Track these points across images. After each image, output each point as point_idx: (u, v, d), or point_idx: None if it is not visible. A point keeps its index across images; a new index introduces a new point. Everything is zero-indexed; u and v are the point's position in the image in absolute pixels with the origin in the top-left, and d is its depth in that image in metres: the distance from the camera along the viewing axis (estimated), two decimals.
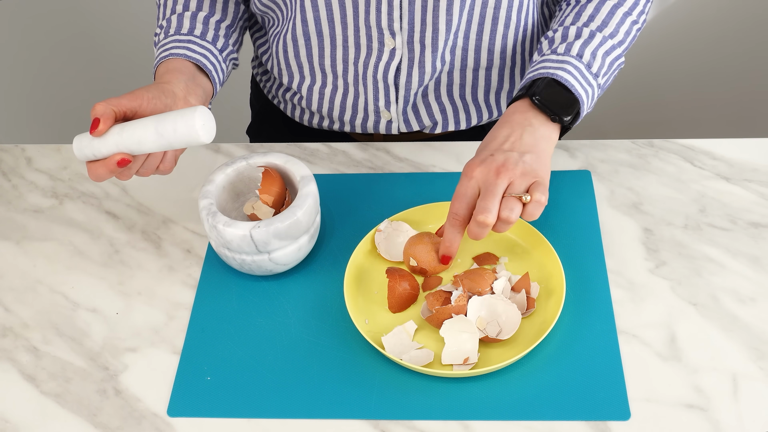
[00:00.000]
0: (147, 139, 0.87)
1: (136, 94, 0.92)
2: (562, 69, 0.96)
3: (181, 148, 0.89)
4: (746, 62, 2.00)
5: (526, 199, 0.88)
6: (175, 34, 1.04)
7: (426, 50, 1.05)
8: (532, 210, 0.88)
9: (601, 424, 0.82)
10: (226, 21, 1.09)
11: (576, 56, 0.97)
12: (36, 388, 0.88)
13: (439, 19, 1.02)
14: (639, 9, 1.03)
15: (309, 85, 1.14)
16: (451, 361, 0.85)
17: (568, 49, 0.98)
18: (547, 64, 0.98)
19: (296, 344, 0.90)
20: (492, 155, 0.91)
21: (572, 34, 1.00)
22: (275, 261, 0.92)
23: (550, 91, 0.95)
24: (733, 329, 0.89)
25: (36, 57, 2.06)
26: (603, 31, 1.00)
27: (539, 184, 0.89)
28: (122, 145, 0.88)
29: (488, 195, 0.88)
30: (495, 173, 0.89)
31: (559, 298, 0.89)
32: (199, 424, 0.84)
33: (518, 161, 0.90)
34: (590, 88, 0.98)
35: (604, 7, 1.01)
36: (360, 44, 1.07)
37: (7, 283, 0.99)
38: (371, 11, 1.02)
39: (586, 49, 0.98)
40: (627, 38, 1.02)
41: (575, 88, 0.96)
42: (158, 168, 0.94)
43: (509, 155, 0.90)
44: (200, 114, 0.86)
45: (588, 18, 1.01)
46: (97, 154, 0.89)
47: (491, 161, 0.90)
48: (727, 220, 1.00)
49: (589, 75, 0.98)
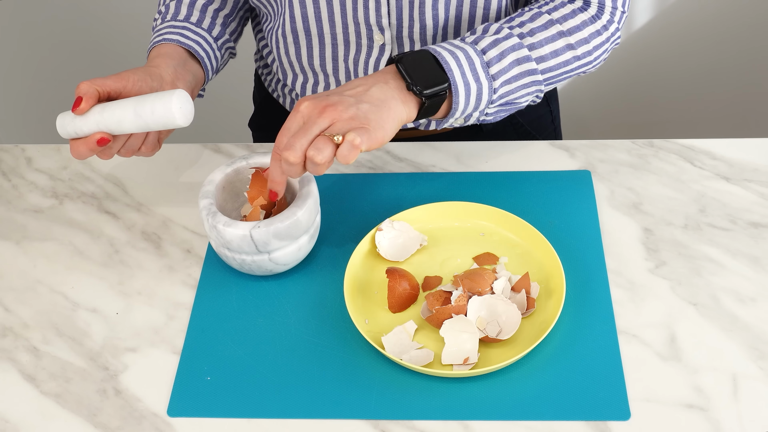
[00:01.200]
0: (126, 119, 0.89)
1: (122, 75, 0.94)
2: (450, 52, 0.91)
3: (160, 129, 0.91)
4: (746, 62, 2.00)
5: (337, 139, 0.81)
6: (171, 20, 1.06)
7: (416, 45, 1.05)
8: (346, 152, 0.82)
9: (601, 424, 0.82)
10: (225, 10, 1.10)
11: (480, 50, 0.92)
12: (36, 388, 0.88)
13: (426, 15, 1.02)
14: (587, 48, 0.98)
15: (302, 82, 1.15)
16: (451, 361, 0.85)
17: (476, 41, 0.94)
18: (446, 44, 0.92)
19: (296, 344, 0.90)
20: (328, 95, 0.86)
21: (492, 30, 0.95)
22: (275, 261, 0.92)
23: (421, 63, 0.89)
24: (733, 329, 0.89)
25: (36, 57, 2.06)
26: (525, 39, 0.94)
27: (363, 130, 0.83)
28: (102, 125, 0.90)
29: (301, 132, 0.83)
30: (319, 111, 0.84)
31: (559, 298, 0.89)
32: (199, 424, 0.84)
33: (351, 105, 0.85)
34: (476, 84, 0.91)
35: (546, 25, 0.96)
36: (349, 41, 1.07)
37: (7, 283, 0.99)
38: (359, 8, 1.02)
39: (494, 48, 0.93)
40: (557, 65, 0.96)
41: (452, 72, 0.89)
42: (140, 149, 0.96)
43: (345, 98, 0.85)
44: (178, 97, 0.88)
45: (519, 23, 0.97)
46: (78, 132, 0.92)
47: (323, 99, 0.85)
48: (727, 220, 1.00)
49: (483, 72, 0.92)
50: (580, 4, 1.00)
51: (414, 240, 0.97)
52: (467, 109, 0.93)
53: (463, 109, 0.93)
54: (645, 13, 1.94)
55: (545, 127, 1.26)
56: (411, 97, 0.90)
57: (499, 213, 0.98)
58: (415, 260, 0.97)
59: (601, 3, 1.00)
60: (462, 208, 0.99)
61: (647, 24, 1.96)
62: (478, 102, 0.93)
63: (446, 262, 0.96)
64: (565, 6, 0.99)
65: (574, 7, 0.99)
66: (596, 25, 0.99)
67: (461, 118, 0.95)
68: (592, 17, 0.99)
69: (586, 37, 0.98)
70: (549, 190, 1.03)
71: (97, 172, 1.12)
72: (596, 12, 0.99)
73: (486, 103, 0.94)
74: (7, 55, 2.05)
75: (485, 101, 0.94)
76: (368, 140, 0.83)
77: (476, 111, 0.95)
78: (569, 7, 0.99)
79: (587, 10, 0.99)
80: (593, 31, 0.99)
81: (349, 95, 0.87)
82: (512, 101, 0.97)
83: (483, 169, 1.07)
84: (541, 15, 0.98)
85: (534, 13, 0.98)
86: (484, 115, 0.97)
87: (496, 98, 0.95)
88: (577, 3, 1.00)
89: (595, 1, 1.00)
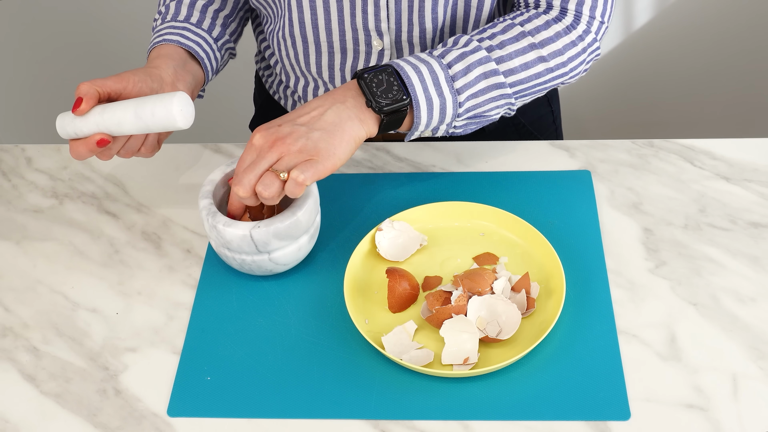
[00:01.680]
0: (126, 120, 0.89)
1: (123, 76, 0.94)
2: (413, 66, 0.91)
3: (160, 131, 0.90)
4: (746, 62, 2.00)
5: (283, 176, 0.85)
6: (171, 20, 1.06)
7: (415, 50, 1.05)
8: (291, 188, 0.85)
9: (601, 424, 0.82)
10: (225, 11, 1.10)
11: (445, 64, 0.92)
12: (36, 388, 0.88)
13: (426, 18, 1.02)
14: (560, 60, 0.97)
15: (304, 85, 1.15)
16: (451, 361, 0.85)
17: (443, 55, 0.93)
18: (411, 58, 0.93)
19: (296, 344, 0.90)
20: (280, 126, 0.88)
21: (461, 42, 0.95)
22: (275, 261, 0.92)
23: (383, 78, 0.90)
24: (733, 329, 0.89)
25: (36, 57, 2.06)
26: (493, 51, 0.94)
27: (310, 163, 0.85)
28: (102, 126, 0.90)
29: (250, 167, 0.86)
30: (269, 145, 0.86)
31: (559, 298, 0.89)
32: (199, 424, 0.84)
33: (301, 137, 0.86)
34: (439, 99, 0.91)
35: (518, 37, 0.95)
36: (346, 49, 1.06)
37: (7, 283, 0.99)
38: (357, 13, 1.02)
39: (460, 62, 0.92)
40: (527, 77, 0.96)
41: (416, 92, 0.90)
42: (139, 150, 0.96)
43: (296, 129, 0.87)
44: (179, 99, 0.88)
45: (489, 35, 0.95)
46: (78, 132, 0.92)
47: (275, 132, 0.87)
48: (727, 220, 1.00)
49: (447, 86, 0.92)
50: (556, 13, 0.98)
51: (414, 240, 0.97)
52: (431, 123, 0.93)
53: (426, 122, 0.93)
54: (645, 13, 1.94)
55: (546, 127, 1.26)
56: (370, 114, 0.90)
57: (499, 213, 0.98)
58: (415, 260, 0.97)
59: (578, 12, 0.98)
60: (462, 208, 0.99)
61: (647, 24, 1.96)
62: (443, 116, 0.93)
63: (446, 262, 0.96)
64: (540, 17, 0.97)
65: (549, 18, 0.97)
66: (570, 36, 0.97)
67: (428, 130, 0.95)
68: (566, 28, 0.97)
69: (560, 48, 0.97)
70: (549, 190, 1.03)
71: (98, 172, 1.12)
72: (571, 22, 0.98)
73: (452, 117, 0.94)
74: (8, 55, 2.05)
75: (450, 115, 0.94)
76: (314, 174, 0.85)
77: (442, 124, 0.95)
78: (543, 18, 0.97)
79: (562, 20, 0.98)
80: (567, 42, 0.97)
81: (302, 123, 0.88)
82: (481, 114, 0.96)
83: (483, 169, 1.07)
84: (514, 27, 0.96)
85: (506, 25, 0.97)
86: (452, 128, 0.96)
87: (462, 112, 0.94)
88: (552, 13, 0.98)
89: (571, 10, 0.98)
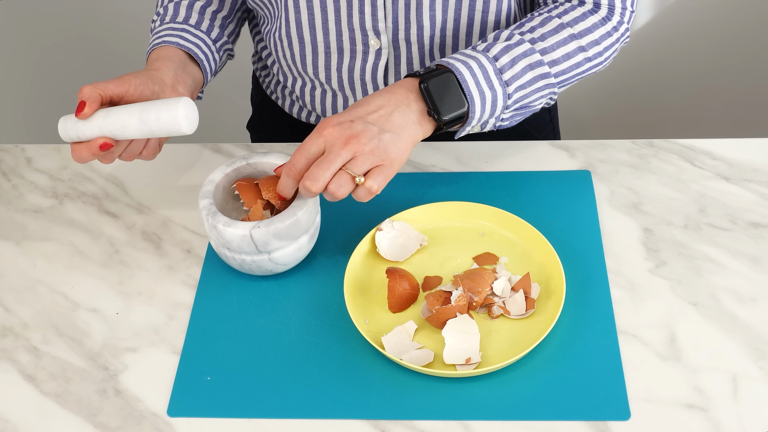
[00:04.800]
0: (130, 125, 0.89)
1: (124, 79, 0.94)
2: (465, 64, 0.92)
3: (164, 136, 0.90)
4: (746, 62, 2.00)
5: (359, 181, 0.85)
6: (170, 22, 1.06)
7: (413, 47, 1.05)
8: (362, 194, 0.86)
9: (601, 424, 0.82)
10: (223, 12, 1.11)
11: (491, 57, 0.93)
12: (36, 388, 0.88)
13: (423, 15, 1.02)
14: (598, 49, 0.99)
15: (301, 86, 1.15)
16: (453, 361, 0.85)
17: (488, 48, 0.94)
18: (458, 55, 0.94)
19: (296, 344, 0.90)
20: (352, 121, 0.87)
21: (503, 37, 0.96)
22: (275, 261, 0.92)
23: (443, 84, 0.91)
24: (733, 329, 0.89)
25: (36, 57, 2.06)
26: (536, 44, 0.95)
27: (381, 170, 0.87)
28: (106, 129, 0.90)
29: (324, 162, 0.85)
30: (344, 142, 0.86)
31: (559, 298, 0.89)
32: (199, 424, 0.84)
33: (374, 138, 0.87)
34: (491, 92, 0.93)
35: (557, 29, 0.97)
36: (343, 49, 1.06)
37: (7, 283, 0.99)
38: (354, 13, 1.02)
39: (505, 55, 0.94)
40: (569, 67, 0.98)
41: (469, 88, 0.91)
42: (141, 154, 0.96)
43: (368, 128, 0.87)
44: (184, 105, 0.88)
45: (529, 29, 0.97)
46: (81, 136, 0.92)
47: (348, 127, 0.87)
48: (727, 220, 1.00)
49: (496, 79, 0.93)
50: (590, 6, 1.00)
51: (414, 240, 0.97)
52: (483, 117, 0.94)
53: (479, 117, 0.94)
54: (645, 13, 1.94)
55: (544, 126, 1.26)
56: (429, 120, 0.92)
57: (499, 213, 0.98)
58: (415, 260, 0.97)
59: (611, 4, 1.00)
60: (462, 208, 0.99)
61: (647, 24, 1.96)
62: (494, 109, 0.94)
63: (446, 262, 0.96)
64: (576, 9, 1.00)
65: (585, 10, 1.00)
66: (607, 27, 1.00)
67: (477, 125, 0.96)
68: (602, 19, 1.00)
69: (596, 39, 0.99)
70: (549, 190, 1.03)
71: (98, 172, 1.12)
72: (606, 14, 1.00)
73: (501, 109, 0.95)
74: (7, 55, 2.05)
75: (500, 107, 0.95)
76: (384, 181, 0.87)
77: (492, 117, 0.95)
78: (579, 10, 0.99)
79: (597, 12, 1.00)
80: (604, 33, 1.00)
81: (373, 121, 0.88)
82: (527, 105, 0.98)
83: (483, 169, 1.07)
84: (552, 19, 0.98)
85: (544, 18, 0.98)
86: (500, 120, 0.97)
87: (511, 103, 0.95)
88: (587, 5, 1.00)
89: (605, 3, 1.00)
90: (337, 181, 0.86)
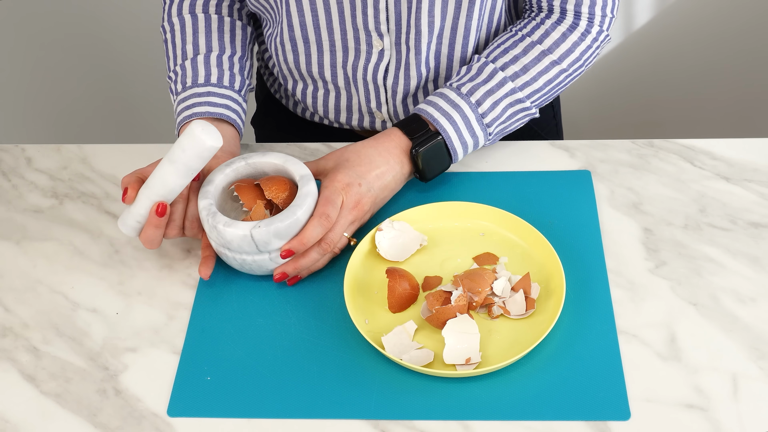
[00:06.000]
0: (167, 173, 0.91)
1: None
2: (449, 119, 1.00)
3: (200, 164, 0.90)
4: (746, 62, 2.00)
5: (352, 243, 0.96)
6: (192, 86, 1.04)
7: (411, 52, 1.05)
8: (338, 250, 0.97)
9: (601, 424, 0.82)
10: (238, 53, 1.09)
11: (474, 103, 1.01)
12: (36, 388, 0.88)
13: (421, 21, 1.02)
14: (571, 58, 1.04)
15: (302, 89, 1.15)
16: (453, 361, 0.85)
17: (471, 92, 1.01)
18: (443, 103, 1.01)
19: (296, 344, 0.90)
20: (360, 184, 0.96)
21: (485, 74, 1.02)
22: (276, 261, 0.92)
23: (432, 151, 0.99)
24: (733, 329, 0.89)
25: (36, 57, 2.06)
26: (516, 80, 1.02)
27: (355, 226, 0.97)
28: (151, 194, 0.92)
29: (337, 227, 0.94)
30: (353, 205, 0.95)
31: (559, 298, 0.89)
32: (199, 424, 0.84)
33: (373, 203, 0.98)
34: (472, 140, 1.02)
35: (539, 57, 1.03)
36: (348, 47, 1.07)
37: (7, 283, 0.99)
38: (357, 14, 1.02)
39: (488, 99, 1.01)
40: (548, 86, 1.04)
41: (454, 147, 1.00)
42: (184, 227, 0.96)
43: (372, 195, 0.97)
44: (196, 123, 0.89)
45: (512, 59, 1.02)
46: (138, 218, 0.94)
47: (357, 192, 0.95)
48: (727, 220, 1.00)
49: (478, 125, 1.01)
50: (571, 20, 1.03)
51: (414, 240, 0.97)
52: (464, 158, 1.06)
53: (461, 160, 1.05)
54: (645, 13, 1.94)
55: (547, 123, 1.27)
56: (412, 176, 1.03)
57: (499, 213, 0.98)
58: (415, 260, 0.97)
59: (591, 14, 1.03)
60: (462, 208, 0.99)
61: (647, 24, 1.96)
62: (476, 148, 1.04)
63: (446, 262, 0.96)
64: (555, 29, 1.03)
65: (564, 29, 1.03)
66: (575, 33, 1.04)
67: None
68: (581, 34, 1.04)
69: (577, 56, 1.04)
70: (549, 190, 1.03)
71: (97, 172, 1.12)
72: (586, 26, 1.04)
73: (482, 146, 1.05)
74: (7, 54, 2.05)
75: (481, 145, 1.04)
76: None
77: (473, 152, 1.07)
78: (559, 30, 1.03)
79: (577, 27, 1.03)
80: (576, 39, 1.04)
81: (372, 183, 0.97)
82: (504, 130, 1.05)
83: (483, 169, 1.07)
84: (534, 47, 1.03)
85: (527, 45, 1.03)
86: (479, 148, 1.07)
87: (491, 139, 1.04)
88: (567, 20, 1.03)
89: (585, 14, 1.03)
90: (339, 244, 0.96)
